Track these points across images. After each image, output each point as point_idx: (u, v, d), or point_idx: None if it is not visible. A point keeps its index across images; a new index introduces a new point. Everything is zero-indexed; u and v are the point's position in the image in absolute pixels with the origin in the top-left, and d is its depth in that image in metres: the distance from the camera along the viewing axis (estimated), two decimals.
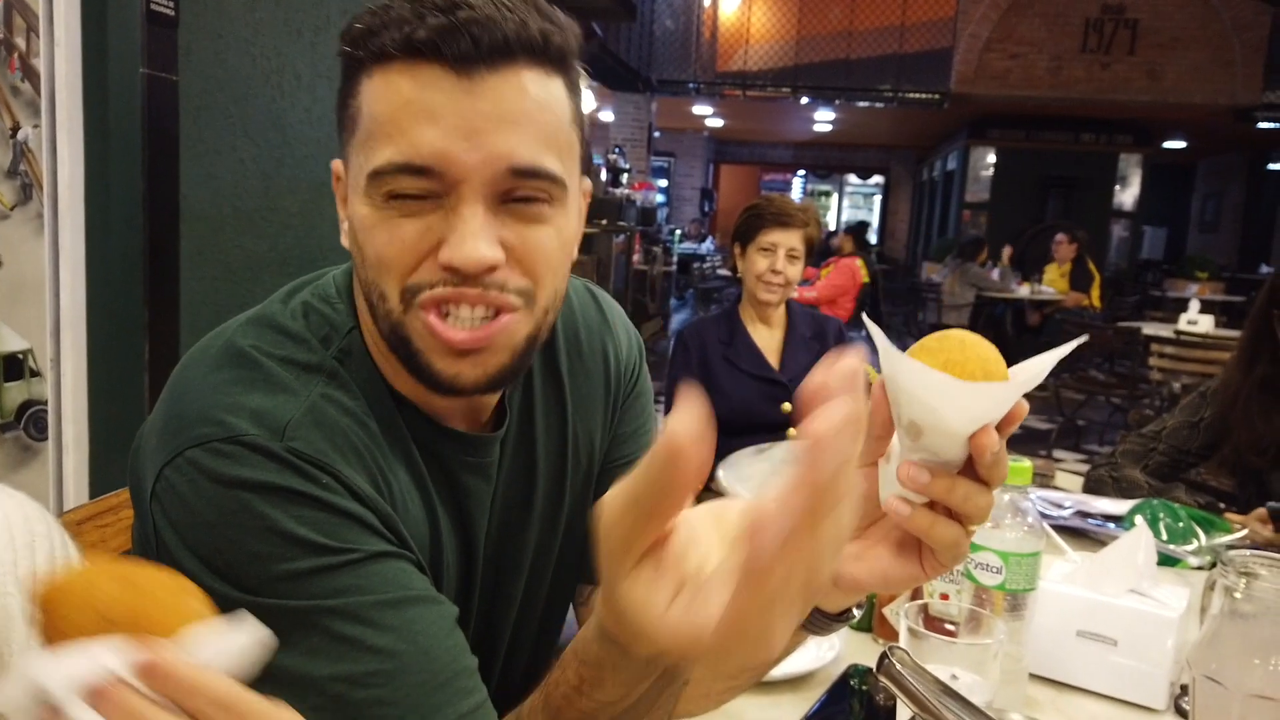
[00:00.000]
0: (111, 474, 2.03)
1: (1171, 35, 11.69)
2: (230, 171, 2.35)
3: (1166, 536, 1.57)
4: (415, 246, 0.71)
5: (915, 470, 0.63)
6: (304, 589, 0.66)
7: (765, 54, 12.94)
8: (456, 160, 0.68)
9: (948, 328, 2.56)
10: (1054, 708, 1.09)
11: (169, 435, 0.70)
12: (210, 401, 0.71)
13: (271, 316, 0.78)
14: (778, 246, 2.51)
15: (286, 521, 0.66)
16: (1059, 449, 6.40)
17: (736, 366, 2.55)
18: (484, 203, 0.70)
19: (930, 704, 0.67)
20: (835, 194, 23.18)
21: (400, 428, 0.79)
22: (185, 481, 0.68)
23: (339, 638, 0.66)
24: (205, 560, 0.67)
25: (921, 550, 0.68)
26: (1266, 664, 0.91)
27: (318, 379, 0.75)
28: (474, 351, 0.73)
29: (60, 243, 1.86)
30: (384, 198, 0.70)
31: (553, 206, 0.74)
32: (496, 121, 0.69)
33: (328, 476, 0.70)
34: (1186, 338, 5.69)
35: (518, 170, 0.70)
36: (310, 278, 0.85)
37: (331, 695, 0.65)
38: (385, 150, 0.69)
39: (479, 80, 0.68)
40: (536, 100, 0.71)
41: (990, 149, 14.08)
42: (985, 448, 0.61)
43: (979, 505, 0.64)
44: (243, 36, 2.36)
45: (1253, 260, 14.95)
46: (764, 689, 1.06)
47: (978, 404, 0.60)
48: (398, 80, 0.69)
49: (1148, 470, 1.94)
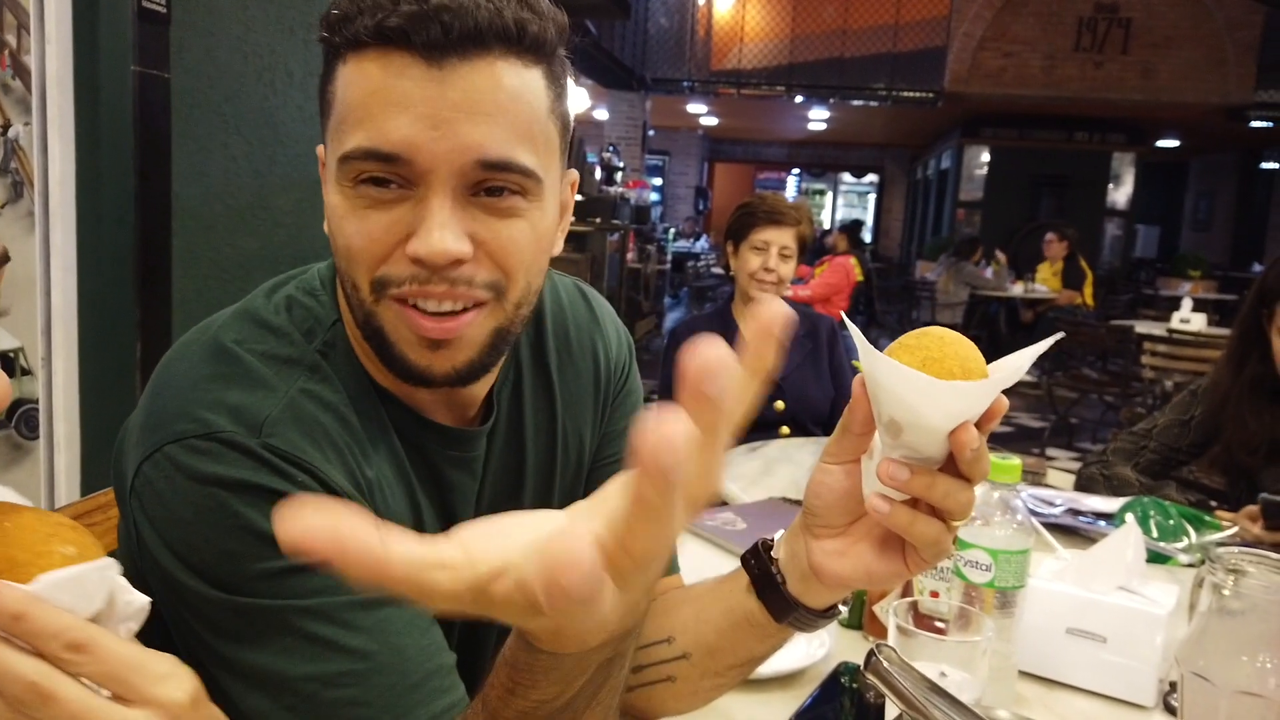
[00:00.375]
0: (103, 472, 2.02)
1: (1164, 34, 11.72)
2: (222, 169, 2.35)
3: (1157, 534, 1.57)
4: (383, 238, 0.70)
5: (895, 467, 0.63)
6: (278, 588, 0.66)
7: (759, 52, 12.95)
8: (424, 149, 0.67)
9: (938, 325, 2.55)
10: (1043, 705, 1.09)
11: (149, 431, 0.70)
12: (190, 397, 0.70)
13: (255, 311, 0.78)
14: (770, 244, 2.52)
15: (261, 520, 0.66)
16: (1052, 447, 6.41)
17: None
18: (452, 194, 0.69)
19: (917, 702, 0.67)
20: (829, 192, 23.20)
21: (383, 421, 0.79)
22: (163, 478, 0.68)
23: (312, 638, 0.66)
24: (181, 557, 0.67)
25: (905, 547, 0.68)
26: (1254, 661, 0.91)
27: (298, 373, 0.74)
28: (444, 343, 0.73)
29: (51, 241, 1.86)
30: (353, 183, 0.70)
31: (527, 200, 0.72)
32: (467, 112, 0.68)
33: (304, 474, 0.69)
34: (1179, 336, 5.71)
35: (487, 163, 0.69)
36: (296, 272, 0.84)
37: (304, 695, 0.65)
38: (355, 136, 0.69)
39: (450, 69, 0.67)
40: (510, 91, 0.69)
41: (984, 147, 14.11)
42: (965, 444, 0.61)
43: (960, 501, 0.64)
44: (234, 34, 2.35)
45: (1245, 259, 15.00)
46: (754, 686, 1.06)
47: (956, 402, 0.60)
48: (369, 67, 0.68)
49: (1139, 468, 1.94)
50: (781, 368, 2.57)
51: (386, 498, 0.77)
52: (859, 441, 0.69)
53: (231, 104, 2.36)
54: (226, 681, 0.67)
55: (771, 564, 0.78)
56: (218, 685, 0.67)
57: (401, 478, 0.79)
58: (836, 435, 0.70)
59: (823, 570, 0.72)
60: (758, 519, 1.67)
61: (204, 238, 2.32)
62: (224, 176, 2.36)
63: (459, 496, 0.85)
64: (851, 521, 0.71)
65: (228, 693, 0.66)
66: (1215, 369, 1.93)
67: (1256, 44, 11.55)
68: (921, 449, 0.63)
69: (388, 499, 0.77)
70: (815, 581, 0.74)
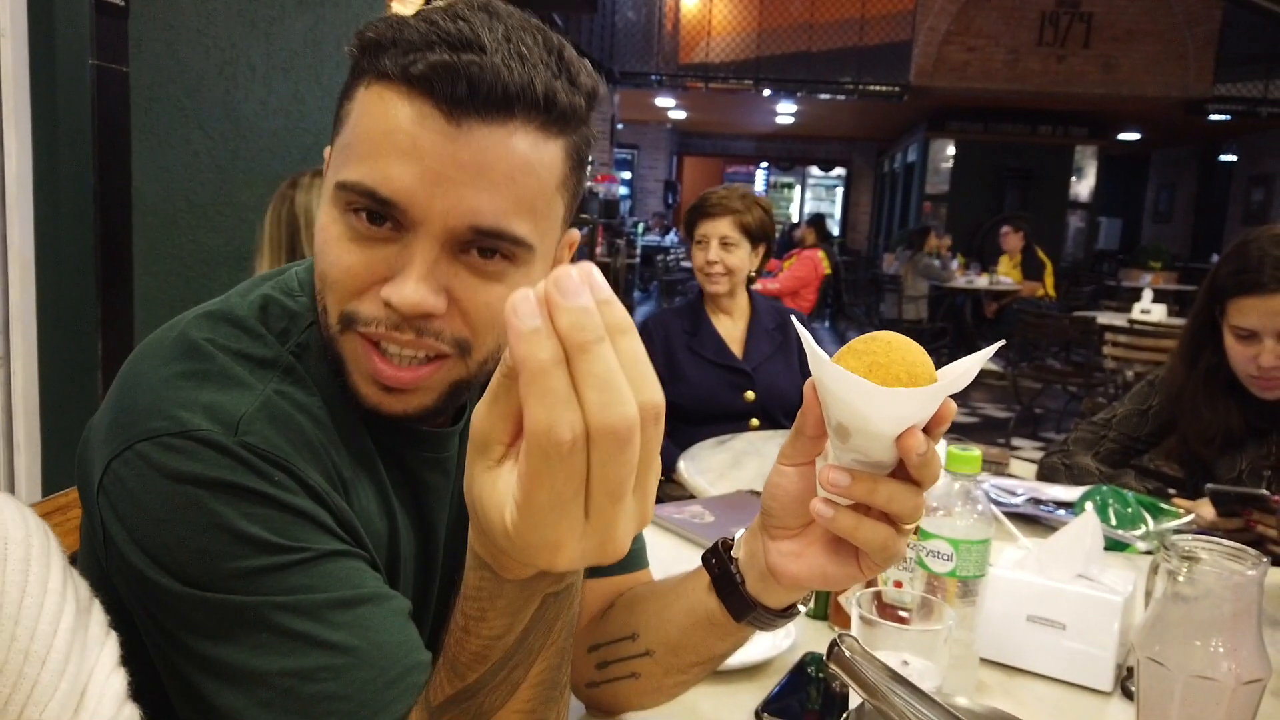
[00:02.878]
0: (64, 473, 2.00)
1: (1125, 29, 11.88)
2: (184, 165, 2.32)
3: (1115, 522, 1.60)
4: (362, 274, 0.70)
5: (835, 474, 0.64)
6: (253, 586, 0.65)
7: (727, 46, 12.97)
8: (420, 203, 0.67)
9: (903, 320, 2.61)
10: (1004, 691, 1.11)
11: (119, 429, 0.69)
12: (161, 395, 0.69)
13: (230, 309, 0.77)
14: (709, 237, 2.59)
15: (237, 519, 0.66)
16: (1017, 437, 6.49)
17: (700, 355, 2.59)
18: (440, 249, 0.69)
19: (879, 690, 0.68)
20: (798, 186, 23.29)
21: (357, 424, 0.78)
22: (134, 475, 0.67)
23: (288, 633, 0.65)
24: (153, 556, 0.66)
25: (858, 550, 0.69)
26: (1207, 645, 0.93)
27: (272, 375, 0.74)
28: (399, 390, 0.73)
29: (9, 239, 1.83)
30: (344, 210, 0.70)
31: (514, 265, 0.72)
32: (473, 174, 0.67)
33: (280, 473, 0.69)
34: (1140, 327, 5.79)
35: (480, 230, 0.69)
36: (274, 272, 0.84)
37: (280, 690, 0.65)
38: (357, 169, 0.68)
39: (467, 129, 0.66)
40: (523, 162, 0.68)
41: (949, 141, 14.23)
42: (911, 449, 0.62)
43: (905, 506, 0.65)
44: (194, 27, 2.32)
45: (1204, 250, 15.23)
46: (720, 678, 1.07)
47: (900, 408, 0.61)
48: (389, 103, 0.67)
49: (1099, 457, 1.97)
50: (752, 359, 2.59)
51: (361, 498, 0.77)
52: (812, 444, 0.69)
53: (192, 98, 2.33)
54: (199, 680, 0.66)
55: (731, 564, 0.79)
56: (190, 684, 0.66)
57: (374, 479, 0.79)
58: (791, 438, 0.71)
59: (779, 571, 0.73)
60: (725, 512, 1.68)
61: (166, 234, 2.29)
62: (185, 172, 2.33)
63: (433, 496, 0.85)
64: (808, 523, 0.72)
65: (200, 691, 0.66)
66: (1170, 362, 1.95)
67: (1215, 38, 11.74)
68: (870, 453, 0.64)
69: (362, 500, 0.77)
70: (773, 582, 0.75)
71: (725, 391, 2.57)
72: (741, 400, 2.56)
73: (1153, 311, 6.19)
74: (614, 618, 0.93)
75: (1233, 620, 0.93)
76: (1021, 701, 1.09)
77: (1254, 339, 1.67)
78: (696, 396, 2.54)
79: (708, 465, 2.10)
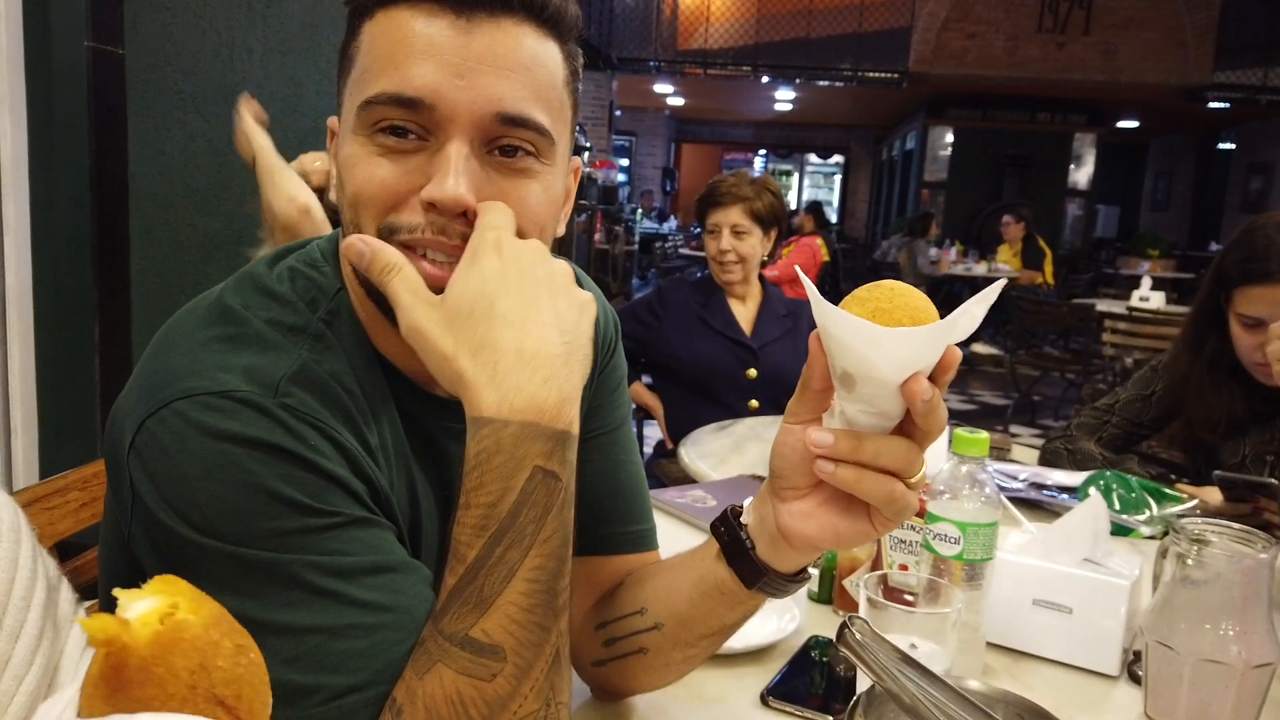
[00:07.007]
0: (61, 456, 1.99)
1: (1125, 16, 11.84)
2: (180, 148, 2.31)
3: (1119, 507, 1.60)
4: (396, 185, 0.71)
5: (818, 434, 0.66)
6: (285, 545, 0.65)
7: (726, 32, 12.91)
8: (446, 96, 0.69)
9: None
10: (1010, 675, 1.11)
11: (154, 389, 0.68)
12: (199, 357, 0.69)
13: (258, 278, 0.77)
14: (720, 226, 2.60)
15: (273, 480, 0.65)
16: (1015, 424, 6.50)
17: (709, 325, 2.61)
18: (470, 146, 0.71)
19: (889, 673, 0.67)
20: (796, 173, 23.25)
21: (385, 392, 0.78)
22: (169, 433, 0.66)
23: (319, 591, 0.65)
24: (183, 513, 0.65)
25: (870, 506, 0.69)
26: (1216, 629, 0.93)
27: (304, 341, 0.74)
28: None
29: (4, 222, 1.82)
30: (371, 131, 0.71)
31: (540, 161, 0.74)
32: (491, 65, 0.70)
33: (318, 436, 0.69)
34: (1138, 314, 5.80)
35: (506, 117, 0.71)
36: (294, 245, 0.84)
37: (310, 646, 0.64)
38: (379, 82, 0.70)
39: (477, 24, 0.70)
40: (531, 53, 0.72)
41: (948, 128, 14.19)
42: (916, 394, 0.62)
43: (897, 461, 0.65)
44: (191, 9, 2.30)
45: (1202, 238, 15.24)
46: (725, 661, 1.07)
47: (904, 349, 0.60)
48: (398, 17, 0.71)
49: (1102, 442, 1.97)
50: (759, 339, 2.59)
51: (387, 467, 0.77)
52: (819, 398, 0.69)
53: (189, 80, 2.31)
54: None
55: (741, 530, 0.78)
56: None
57: (398, 448, 0.79)
58: (797, 394, 0.71)
59: (790, 532, 0.73)
60: (727, 496, 1.67)
61: (162, 217, 2.27)
62: (182, 155, 2.31)
63: (454, 467, 0.84)
64: (817, 482, 0.71)
65: None
66: (1173, 348, 1.95)
67: (1214, 25, 11.71)
68: (876, 402, 0.63)
69: (388, 468, 0.77)
70: (784, 544, 0.75)
71: (728, 363, 2.58)
72: (743, 376, 2.57)
73: (1151, 299, 6.19)
74: (621, 595, 0.92)
75: (1243, 603, 0.92)
76: (1028, 685, 1.08)
77: (1260, 327, 1.67)
78: (698, 363, 2.58)
79: (709, 450, 2.10)
